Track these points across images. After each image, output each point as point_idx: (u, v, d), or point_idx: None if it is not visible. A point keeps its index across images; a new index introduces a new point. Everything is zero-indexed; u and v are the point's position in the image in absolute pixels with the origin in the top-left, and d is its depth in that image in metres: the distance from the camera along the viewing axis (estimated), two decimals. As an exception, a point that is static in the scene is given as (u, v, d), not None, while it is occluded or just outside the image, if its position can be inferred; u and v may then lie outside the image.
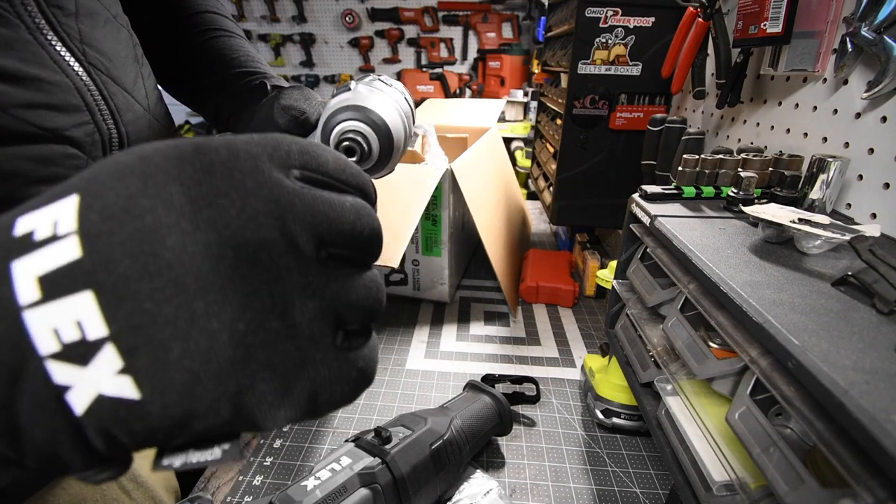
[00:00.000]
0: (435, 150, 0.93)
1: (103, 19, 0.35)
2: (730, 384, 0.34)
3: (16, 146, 0.28)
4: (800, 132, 0.54)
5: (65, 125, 0.30)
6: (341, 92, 0.33)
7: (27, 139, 0.28)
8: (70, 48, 0.31)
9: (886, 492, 0.19)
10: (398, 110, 0.34)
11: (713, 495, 0.32)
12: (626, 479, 0.51)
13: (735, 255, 0.35)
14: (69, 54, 0.31)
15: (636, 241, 0.50)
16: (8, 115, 0.27)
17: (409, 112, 0.36)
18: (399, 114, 0.34)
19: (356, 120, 0.31)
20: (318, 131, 0.33)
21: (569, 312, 0.84)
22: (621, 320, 0.54)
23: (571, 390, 0.64)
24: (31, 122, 0.28)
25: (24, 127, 0.28)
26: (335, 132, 0.30)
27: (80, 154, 0.31)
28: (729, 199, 0.46)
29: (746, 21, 0.55)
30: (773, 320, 0.27)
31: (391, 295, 0.88)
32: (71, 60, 0.31)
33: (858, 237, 0.34)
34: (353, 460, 0.41)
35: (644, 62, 0.78)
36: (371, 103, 0.32)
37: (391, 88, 0.36)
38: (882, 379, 0.22)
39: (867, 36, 0.42)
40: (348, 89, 0.33)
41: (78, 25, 0.32)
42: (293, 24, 3.00)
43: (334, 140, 0.31)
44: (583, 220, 0.95)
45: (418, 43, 3.01)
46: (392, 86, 0.36)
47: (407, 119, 0.35)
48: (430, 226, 0.79)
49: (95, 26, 0.34)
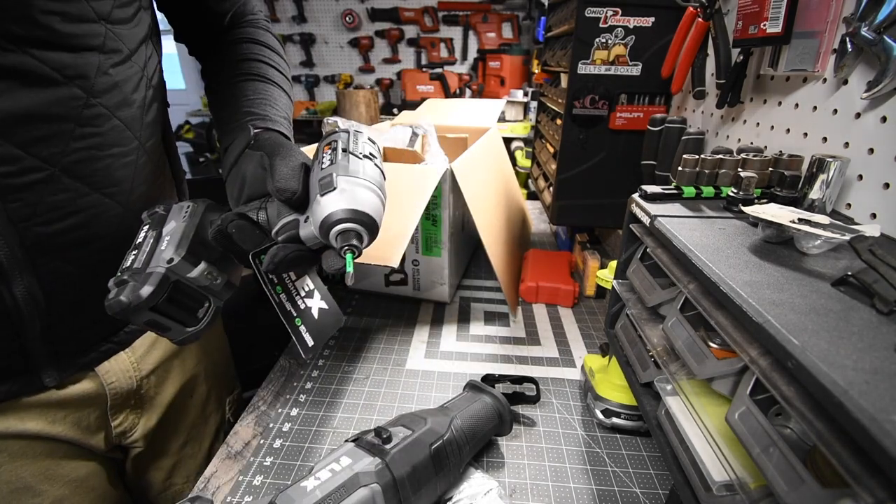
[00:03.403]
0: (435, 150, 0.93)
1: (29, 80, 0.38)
2: (730, 384, 0.34)
3: None
4: (800, 132, 0.54)
5: None
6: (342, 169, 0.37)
7: None
8: None
9: (886, 492, 0.19)
10: (380, 196, 0.38)
11: (713, 495, 0.32)
12: (626, 479, 0.51)
13: (735, 255, 0.35)
14: None
15: (636, 241, 0.50)
16: None
17: (383, 184, 0.40)
18: (381, 199, 0.37)
19: (352, 222, 0.35)
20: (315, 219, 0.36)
21: (569, 312, 0.84)
22: (621, 320, 0.54)
23: (571, 390, 0.64)
24: None
25: None
26: (337, 239, 0.35)
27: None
28: (729, 199, 0.46)
29: (746, 21, 0.55)
30: (772, 320, 0.27)
31: (391, 295, 0.88)
32: None
33: (858, 237, 0.34)
34: (353, 460, 0.41)
35: (644, 62, 0.78)
36: (370, 208, 0.36)
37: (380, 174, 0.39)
38: (882, 379, 0.22)
39: (867, 36, 0.42)
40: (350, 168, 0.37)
41: None
42: (293, 24, 3.00)
43: (337, 244, 0.35)
44: (583, 220, 0.95)
45: (418, 43, 3.01)
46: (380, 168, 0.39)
47: (384, 195, 0.39)
48: (430, 226, 0.79)
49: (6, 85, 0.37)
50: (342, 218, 0.34)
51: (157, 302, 0.37)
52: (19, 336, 0.44)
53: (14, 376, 0.46)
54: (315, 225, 0.35)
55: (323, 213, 0.35)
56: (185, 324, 0.40)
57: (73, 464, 0.52)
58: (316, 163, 0.39)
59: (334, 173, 0.35)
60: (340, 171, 0.36)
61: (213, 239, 0.40)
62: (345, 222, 0.34)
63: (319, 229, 0.35)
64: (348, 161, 0.37)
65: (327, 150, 0.38)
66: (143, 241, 0.41)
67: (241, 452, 0.54)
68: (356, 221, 0.35)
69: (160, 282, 0.37)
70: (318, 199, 0.35)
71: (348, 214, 0.34)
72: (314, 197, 0.36)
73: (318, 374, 0.67)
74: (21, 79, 0.37)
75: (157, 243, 0.40)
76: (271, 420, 0.59)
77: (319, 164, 0.37)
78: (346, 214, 0.34)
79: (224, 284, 0.41)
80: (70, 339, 0.48)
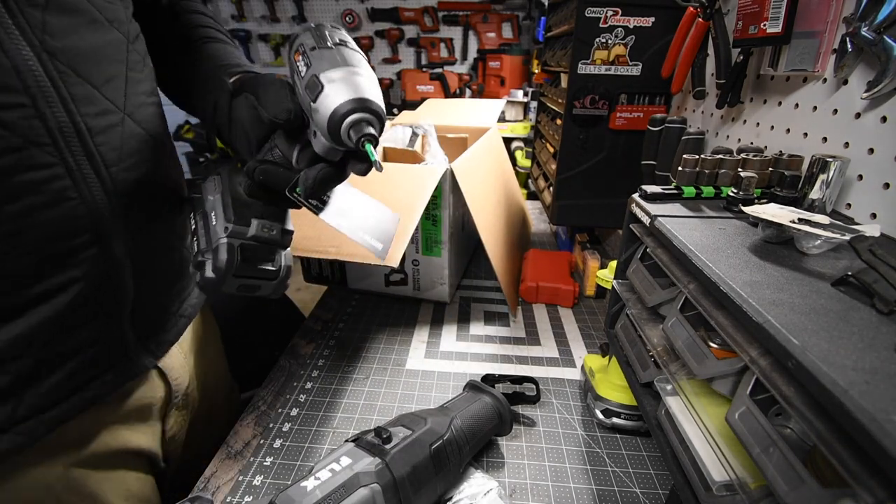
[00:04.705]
0: (435, 150, 0.94)
1: (87, 18, 0.37)
2: (730, 384, 0.34)
3: None
4: (800, 132, 0.54)
5: None
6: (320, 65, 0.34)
7: None
8: (25, 34, 0.33)
9: (886, 492, 0.19)
10: (369, 76, 0.35)
11: (713, 495, 0.32)
12: (626, 479, 0.51)
13: (735, 255, 0.35)
14: (22, 39, 0.32)
15: (636, 241, 0.50)
16: None
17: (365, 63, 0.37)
18: (370, 78, 0.35)
19: (362, 111, 0.33)
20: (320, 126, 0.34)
21: (569, 312, 0.84)
22: (621, 320, 0.54)
23: (571, 390, 0.64)
24: None
25: None
26: (350, 132, 0.33)
27: (9, 134, 0.32)
28: (729, 199, 0.46)
29: (746, 21, 0.55)
30: (772, 320, 0.27)
31: (391, 295, 0.88)
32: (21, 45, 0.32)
33: (858, 237, 0.34)
34: (353, 460, 0.41)
35: (644, 62, 0.78)
36: (367, 90, 0.33)
37: (361, 56, 0.36)
38: (882, 379, 0.22)
39: (867, 36, 0.42)
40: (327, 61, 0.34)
41: (43, 16, 0.34)
42: (293, 24, 3.00)
43: (351, 138, 0.33)
44: (583, 220, 0.95)
45: (418, 43, 3.01)
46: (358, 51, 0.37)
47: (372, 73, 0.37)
48: (430, 226, 0.79)
49: (70, 22, 0.36)
50: (344, 112, 0.32)
51: (234, 268, 0.40)
52: (119, 308, 0.42)
53: (116, 362, 0.44)
54: (323, 133, 0.34)
55: (324, 117, 0.33)
56: (268, 278, 0.43)
57: (137, 476, 0.50)
58: (295, 76, 0.36)
59: (317, 73, 0.33)
60: (322, 68, 0.33)
61: (249, 195, 0.41)
62: (349, 115, 0.32)
63: (329, 135, 0.33)
64: (322, 56, 0.34)
65: (298, 57, 0.36)
66: (195, 226, 0.43)
67: (241, 452, 0.54)
68: (359, 110, 0.33)
69: (228, 250, 0.39)
70: (312, 106, 0.33)
71: (349, 105, 0.32)
72: (307, 105, 0.34)
73: (318, 374, 0.67)
74: (80, 17, 0.37)
75: (207, 221, 0.42)
76: (271, 420, 0.59)
77: (298, 75, 0.35)
78: (347, 106, 0.32)
79: (282, 231, 0.43)
80: (153, 312, 0.47)
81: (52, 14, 0.34)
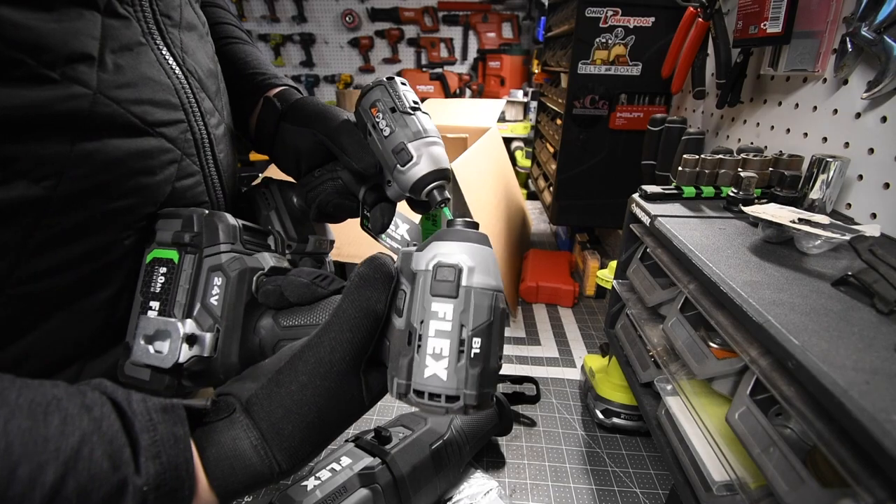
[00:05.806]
0: (435, 150, 0.93)
1: (198, 34, 0.41)
2: (730, 384, 0.34)
3: (122, 138, 0.31)
4: (800, 132, 0.54)
5: (163, 121, 0.34)
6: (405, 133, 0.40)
7: (131, 132, 0.32)
8: (173, 53, 0.36)
9: (886, 492, 0.19)
10: (442, 143, 0.41)
11: (713, 495, 0.32)
12: (626, 479, 0.51)
13: (735, 255, 0.35)
14: (171, 59, 0.36)
15: (636, 241, 0.50)
16: (121, 107, 0.31)
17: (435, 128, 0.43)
18: (443, 144, 0.42)
19: (442, 179, 0.40)
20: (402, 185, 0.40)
21: (569, 312, 0.84)
22: (621, 320, 0.54)
23: (571, 390, 0.64)
24: (137, 115, 0.32)
25: (130, 120, 0.31)
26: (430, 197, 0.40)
27: (174, 149, 0.35)
28: (729, 199, 0.46)
29: (746, 21, 0.55)
30: (773, 320, 0.27)
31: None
32: (173, 64, 0.36)
33: (858, 237, 0.34)
34: (353, 460, 0.41)
35: (644, 62, 0.78)
36: (444, 160, 0.40)
37: (424, 116, 0.41)
38: (882, 379, 0.22)
39: (867, 36, 0.42)
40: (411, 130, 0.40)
41: (180, 35, 0.37)
42: (293, 24, 2.99)
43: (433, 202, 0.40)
44: (583, 220, 0.95)
45: (418, 43, 3.00)
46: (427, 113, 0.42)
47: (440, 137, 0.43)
48: (430, 226, 0.79)
49: (193, 38, 0.39)
50: (430, 182, 0.39)
51: None
52: None
53: None
54: (404, 189, 0.41)
55: (411, 182, 0.40)
56: None
57: None
58: (370, 128, 0.41)
59: (405, 141, 0.39)
60: (409, 138, 0.39)
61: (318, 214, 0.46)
62: (432, 183, 0.40)
63: (411, 192, 0.41)
64: (406, 122, 0.40)
65: (375, 112, 0.41)
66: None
67: (241, 452, 0.54)
68: (441, 178, 0.40)
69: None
70: (401, 170, 0.39)
71: (433, 177, 0.39)
72: (393, 165, 0.40)
73: (318, 374, 0.67)
74: (196, 32, 0.40)
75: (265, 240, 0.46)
76: (271, 420, 0.59)
77: (380, 132, 0.40)
78: (432, 178, 0.39)
79: (330, 243, 0.50)
80: None
81: (185, 32, 0.38)
